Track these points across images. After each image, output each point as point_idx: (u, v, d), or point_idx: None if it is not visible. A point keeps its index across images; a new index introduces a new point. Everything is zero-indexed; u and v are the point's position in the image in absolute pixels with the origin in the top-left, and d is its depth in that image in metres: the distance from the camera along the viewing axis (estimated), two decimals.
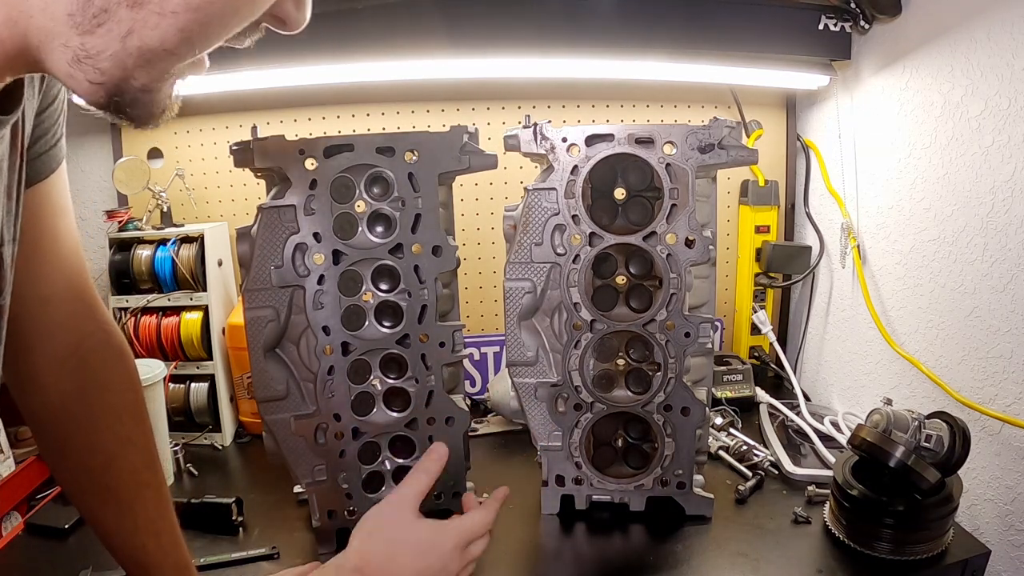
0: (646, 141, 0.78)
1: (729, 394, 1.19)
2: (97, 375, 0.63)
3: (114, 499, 0.63)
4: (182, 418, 1.12)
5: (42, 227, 0.56)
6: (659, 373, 0.82)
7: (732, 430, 1.06)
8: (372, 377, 0.79)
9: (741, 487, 0.91)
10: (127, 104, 0.39)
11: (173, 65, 0.39)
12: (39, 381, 0.60)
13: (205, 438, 1.13)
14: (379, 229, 0.77)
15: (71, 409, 0.61)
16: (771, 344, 1.32)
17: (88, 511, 0.65)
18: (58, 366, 0.61)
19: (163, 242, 1.10)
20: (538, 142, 0.79)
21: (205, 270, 1.09)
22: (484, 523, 0.68)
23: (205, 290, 1.09)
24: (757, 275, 1.35)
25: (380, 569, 0.60)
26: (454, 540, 0.64)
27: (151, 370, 0.97)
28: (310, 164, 0.74)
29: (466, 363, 1.11)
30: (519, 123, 0.80)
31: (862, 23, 1.10)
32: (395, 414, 0.80)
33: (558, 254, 0.80)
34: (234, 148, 0.74)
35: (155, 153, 1.28)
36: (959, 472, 0.77)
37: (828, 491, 0.84)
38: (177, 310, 1.10)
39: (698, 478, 0.87)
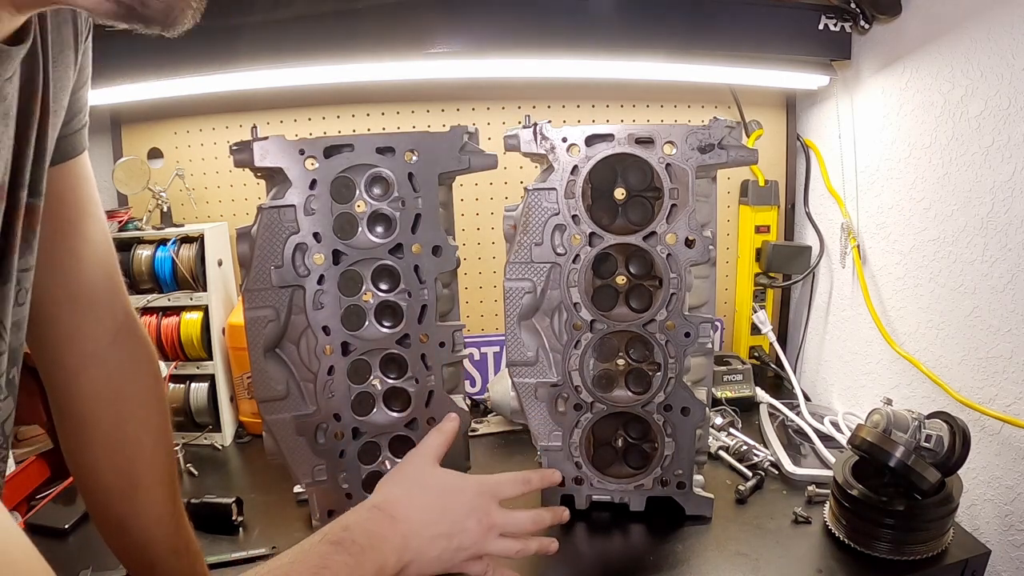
0: (646, 141, 0.78)
1: (729, 394, 1.19)
2: (128, 369, 0.63)
3: (134, 489, 0.63)
4: (182, 418, 1.12)
5: (70, 209, 0.57)
6: (659, 373, 0.82)
7: (732, 430, 1.06)
8: (372, 377, 0.79)
9: (741, 487, 0.91)
10: (139, 5, 0.38)
11: None
12: (77, 371, 0.61)
13: (205, 438, 1.13)
14: (379, 229, 0.77)
15: (101, 402, 0.62)
16: (771, 344, 1.32)
17: (98, 505, 0.65)
18: (94, 357, 0.61)
19: (163, 242, 1.10)
20: (538, 142, 0.79)
21: (205, 270, 1.09)
22: (513, 484, 0.68)
23: (205, 290, 1.09)
24: (757, 275, 1.35)
25: (399, 507, 0.59)
26: (476, 487, 0.64)
27: None
28: (310, 164, 0.74)
29: (466, 363, 1.11)
30: (519, 123, 0.80)
31: (862, 23, 1.10)
32: (395, 414, 0.80)
33: (558, 254, 0.80)
34: (234, 148, 0.74)
35: (155, 153, 1.28)
36: (959, 472, 0.77)
37: (828, 491, 0.84)
38: (177, 310, 1.10)
39: (698, 478, 0.87)
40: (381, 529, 0.57)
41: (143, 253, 1.10)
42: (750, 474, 0.95)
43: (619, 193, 0.80)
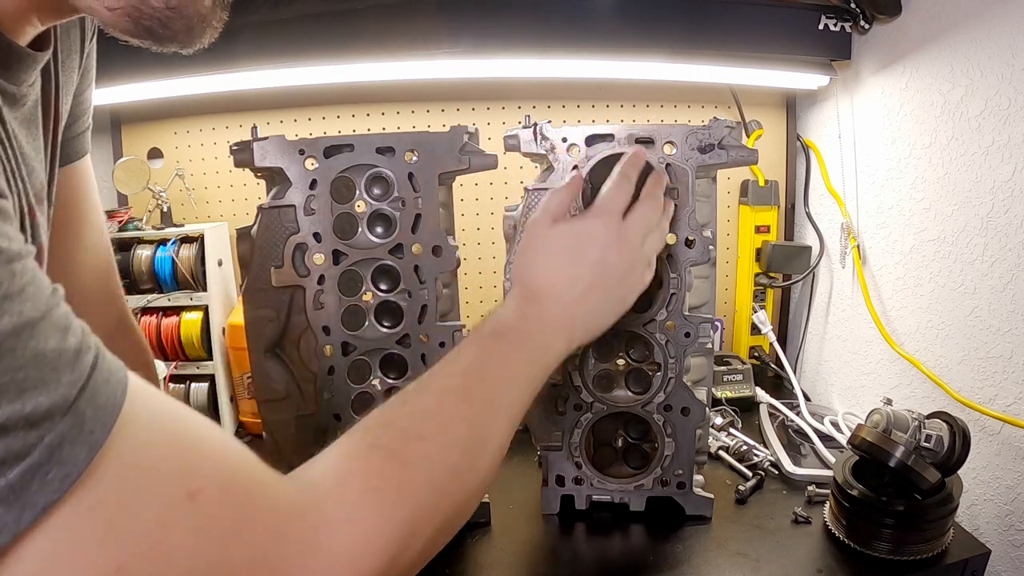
0: (646, 141, 0.78)
1: (729, 394, 1.19)
2: None
3: None
4: None
5: (70, 212, 0.57)
6: (659, 373, 0.82)
7: (732, 430, 1.06)
8: (372, 377, 0.79)
9: (741, 487, 0.91)
10: (159, 27, 0.37)
11: None
12: None
13: None
14: (379, 229, 0.77)
15: None
16: (771, 344, 1.32)
17: None
18: None
19: (163, 242, 1.10)
20: (538, 142, 0.79)
21: (205, 270, 1.09)
22: (620, 191, 0.60)
23: (205, 290, 1.09)
24: (757, 275, 1.35)
25: (541, 289, 0.54)
26: (598, 223, 0.57)
27: None
28: (310, 164, 0.74)
29: None
30: (519, 123, 0.80)
31: (862, 23, 1.09)
32: None
33: None
34: (234, 148, 0.74)
35: (155, 153, 1.28)
36: (959, 472, 0.77)
37: (828, 491, 0.84)
38: (177, 310, 1.10)
39: (698, 478, 0.87)
40: (536, 316, 0.53)
41: (143, 253, 1.10)
42: (750, 474, 0.95)
43: None
